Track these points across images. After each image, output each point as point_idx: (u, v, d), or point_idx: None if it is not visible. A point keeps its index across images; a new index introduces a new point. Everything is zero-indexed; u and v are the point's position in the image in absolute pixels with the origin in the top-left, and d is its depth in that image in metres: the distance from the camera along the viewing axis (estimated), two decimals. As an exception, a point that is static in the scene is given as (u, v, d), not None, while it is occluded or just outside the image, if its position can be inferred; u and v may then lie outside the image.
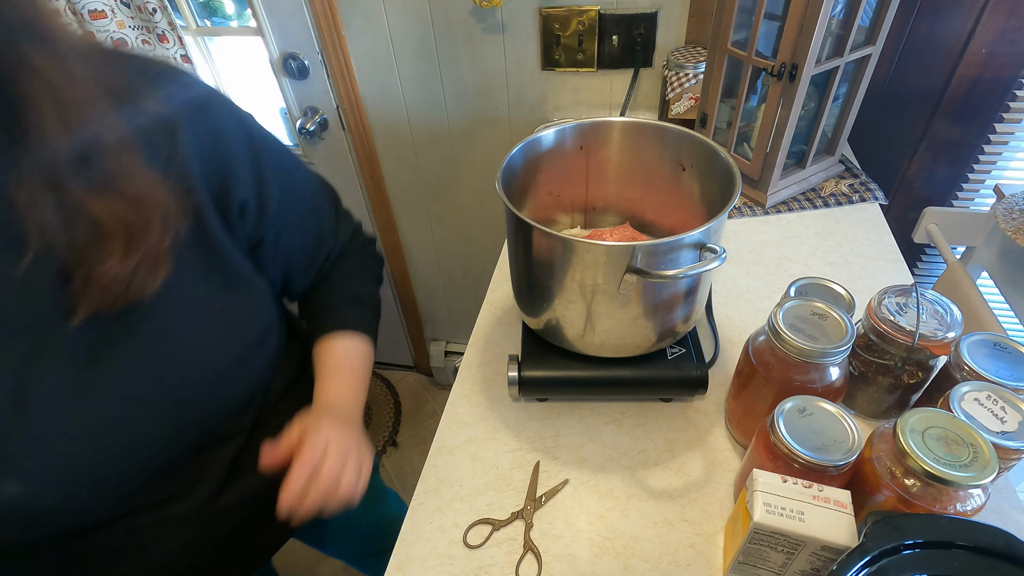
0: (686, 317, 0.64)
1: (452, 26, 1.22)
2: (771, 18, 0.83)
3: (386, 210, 1.61)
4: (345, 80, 1.34)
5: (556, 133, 0.70)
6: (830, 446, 0.48)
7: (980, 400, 0.50)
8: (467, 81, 1.30)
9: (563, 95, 1.27)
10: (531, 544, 0.58)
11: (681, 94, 1.05)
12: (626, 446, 0.66)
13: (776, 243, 0.90)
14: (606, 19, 1.14)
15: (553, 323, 0.64)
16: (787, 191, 0.97)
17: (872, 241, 0.89)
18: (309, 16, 1.25)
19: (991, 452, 0.44)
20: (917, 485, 0.45)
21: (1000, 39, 1.02)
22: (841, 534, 0.44)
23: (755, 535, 0.47)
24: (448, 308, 1.89)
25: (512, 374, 0.66)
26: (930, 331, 0.56)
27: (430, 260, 1.75)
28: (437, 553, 0.58)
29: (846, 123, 0.95)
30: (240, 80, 1.48)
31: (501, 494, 0.62)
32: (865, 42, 0.87)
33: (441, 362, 1.99)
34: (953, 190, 1.22)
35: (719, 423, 0.67)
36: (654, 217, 0.77)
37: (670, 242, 0.53)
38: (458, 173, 1.49)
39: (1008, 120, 1.09)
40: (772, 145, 0.90)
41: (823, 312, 0.55)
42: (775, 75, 0.82)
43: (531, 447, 0.66)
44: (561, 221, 0.80)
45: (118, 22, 1.24)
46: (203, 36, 1.40)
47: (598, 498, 0.61)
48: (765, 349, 0.56)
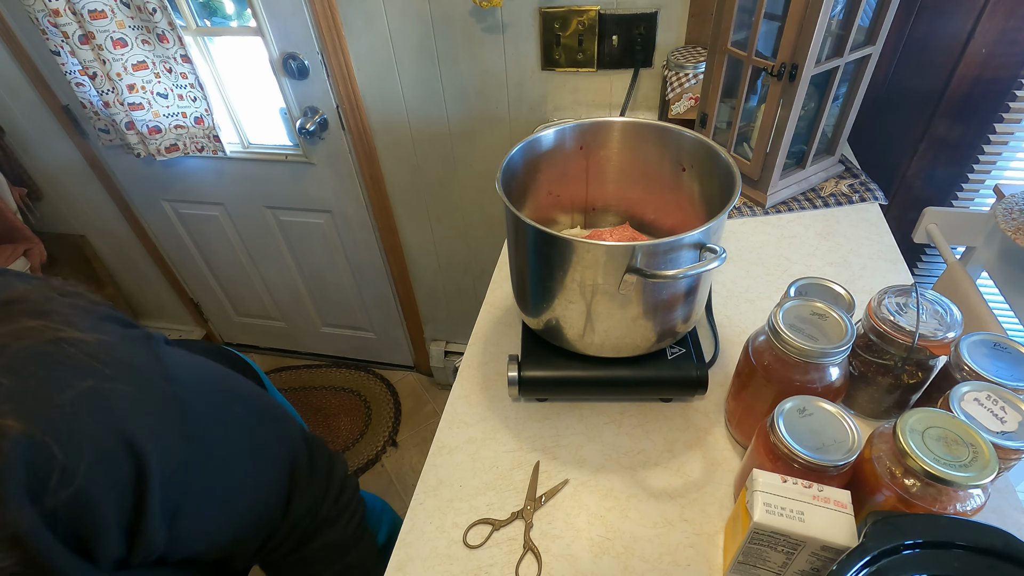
0: (686, 317, 0.64)
1: (452, 26, 1.22)
2: (771, 18, 0.83)
3: (386, 210, 1.62)
4: (345, 80, 1.34)
5: (556, 133, 0.70)
6: (830, 446, 0.48)
7: (980, 400, 0.50)
8: (467, 81, 1.30)
9: (563, 95, 1.27)
10: (531, 544, 0.58)
11: (681, 94, 1.05)
12: (626, 446, 0.66)
13: (776, 243, 0.90)
14: (606, 19, 1.14)
15: (553, 323, 0.64)
16: (787, 191, 0.97)
17: (872, 241, 0.89)
18: (309, 16, 1.25)
19: (991, 452, 0.44)
20: (917, 485, 0.45)
21: (1000, 39, 1.02)
22: (841, 534, 0.44)
23: (755, 535, 0.47)
24: (448, 308, 1.89)
25: (512, 374, 0.66)
26: (930, 331, 0.55)
27: (430, 260, 1.75)
28: (437, 553, 0.58)
29: (846, 123, 0.95)
30: (240, 80, 1.48)
31: (501, 494, 0.62)
32: (865, 42, 0.87)
33: (441, 362, 2.00)
34: (953, 190, 1.22)
35: (719, 423, 0.67)
36: (654, 217, 0.77)
37: (670, 242, 0.53)
38: (458, 173, 1.49)
39: (1008, 120, 1.09)
40: (772, 145, 0.90)
41: (823, 312, 0.55)
42: (775, 75, 0.83)
43: (531, 447, 0.66)
44: (561, 221, 0.80)
45: (118, 22, 1.25)
46: (203, 36, 1.40)
47: (598, 498, 0.61)
48: (765, 349, 0.56)
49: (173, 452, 0.42)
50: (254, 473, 0.52)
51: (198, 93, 1.37)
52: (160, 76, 1.35)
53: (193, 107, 1.40)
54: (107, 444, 0.38)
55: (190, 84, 1.36)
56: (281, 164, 1.56)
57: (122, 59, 1.28)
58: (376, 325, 2.00)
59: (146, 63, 1.32)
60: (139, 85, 1.33)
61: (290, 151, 1.54)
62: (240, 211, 1.73)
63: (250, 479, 0.51)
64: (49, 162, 1.70)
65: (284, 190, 1.63)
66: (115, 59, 1.27)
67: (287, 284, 1.94)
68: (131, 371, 0.41)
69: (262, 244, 1.82)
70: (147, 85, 1.34)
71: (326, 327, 2.08)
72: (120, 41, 1.27)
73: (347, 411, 2.03)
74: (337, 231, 1.71)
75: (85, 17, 1.21)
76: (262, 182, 1.62)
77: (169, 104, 1.39)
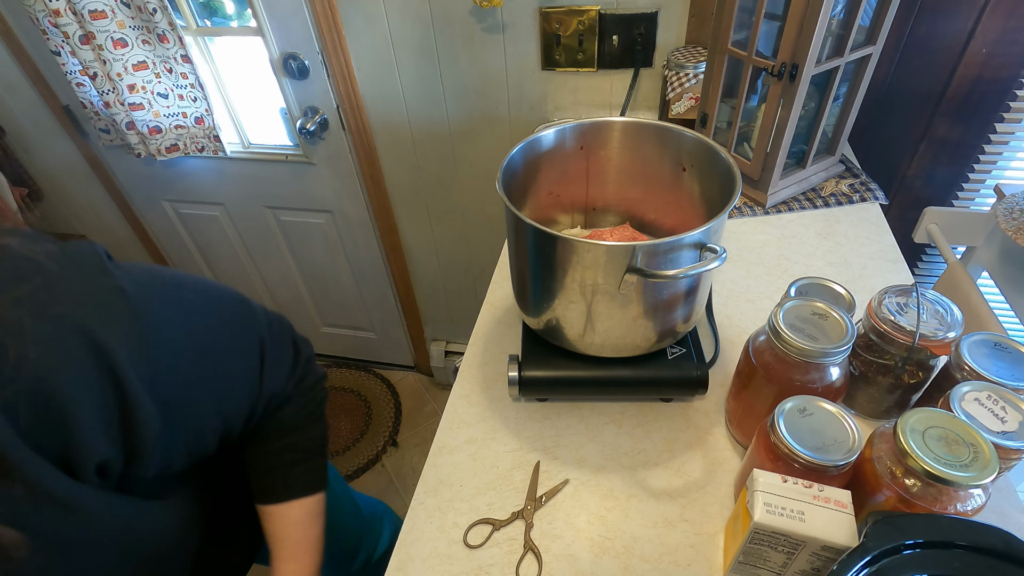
0: (686, 317, 0.64)
1: (452, 26, 1.22)
2: (771, 18, 0.83)
3: (386, 210, 1.62)
4: (345, 80, 1.34)
5: (556, 133, 0.70)
6: (830, 446, 0.48)
7: (980, 400, 0.50)
8: (467, 81, 1.30)
9: (563, 95, 1.27)
10: (531, 544, 0.58)
11: (681, 94, 1.05)
12: (626, 446, 0.66)
13: (776, 243, 0.90)
14: (606, 19, 1.14)
15: (553, 323, 0.64)
16: (787, 191, 0.97)
17: (872, 241, 0.89)
18: (309, 16, 1.25)
19: (991, 452, 0.44)
20: (917, 485, 0.45)
21: (1000, 39, 1.02)
22: (841, 534, 0.44)
23: (755, 535, 0.47)
24: (448, 308, 1.89)
25: (512, 374, 0.66)
26: (930, 331, 0.55)
27: (430, 260, 1.75)
28: (437, 553, 0.58)
29: (846, 123, 0.95)
30: (240, 80, 1.48)
31: (501, 494, 0.62)
32: (865, 42, 0.87)
33: (441, 362, 2.00)
34: (953, 190, 1.22)
35: (719, 423, 0.67)
36: (654, 217, 0.77)
37: (670, 242, 0.53)
38: (458, 173, 1.49)
39: (1008, 120, 1.09)
40: (772, 145, 0.90)
41: (823, 312, 0.55)
42: (775, 75, 0.82)
43: (531, 447, 0.66)
44: (561, 221, 0.80)
45: (118, 22, 1.25)
46: (203, 36, 1.40)
47: (598, 498, 0.61)
48: (765, 349, 0.56)
49: (129, 334, 0.42)
50: (219, 347, 0.52)
51: (198, 93, 1.37)
52: (160, 76, 1.35)
53: (193, 107, 1.40)
54: (61, 334, 0.39)
55: (190, 84, 1.36)
56: (281, 164, 1.56)
57: (122, 59, 1.28)
58: (376, 325, 2.00)
59: (146, 63, 1.32)
60: (139, 85, 1.33)
61: (290, 151, 1.54)
62: (240, 211, 1.73)
63: (218, 352, 0.52)
64: (49, 162, 1.71)
65: (284, 190, 1.63)
66: (115, 59, 1.27)
67: (287, 284, 1.94)
68: (74, 266, 0.42)
69: (262, 244, 1.82)
70: (147, 85, 1.34)
71: (326, 327, 2.08)
72: (120, 41, 1.27)
73: (347, 411, 2.03)
74: (337, 231, 1.71)
75: (85, 17, 1.21)
76: (262, 182, 1.62)
77: (169, 104, 1.39)
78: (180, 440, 0.48)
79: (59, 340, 0.39)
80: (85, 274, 0.42)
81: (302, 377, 0.62)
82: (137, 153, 1.47)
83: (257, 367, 0.56)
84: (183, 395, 0.48)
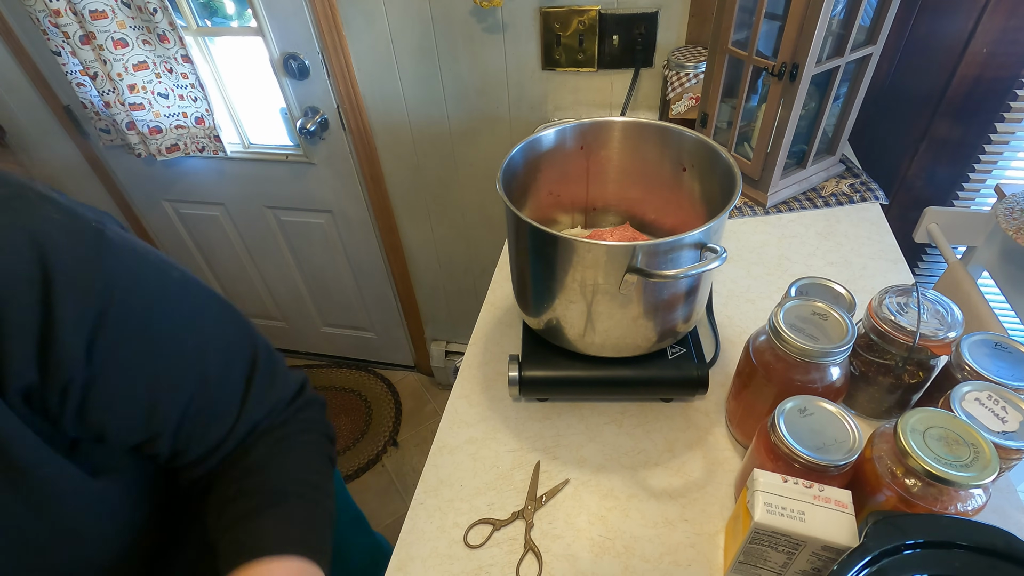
0: (687, 317, 0.64)
1: (452, 26, 1.22)
2: (771, 18, 0.83)
3: (386, 210, 1.62)
4: (345, 80, 1.34)
5: (556, 133, 0.70)
6: (831, 446, 0.48)
7: (981, 400, 0.50)
8: (467, 81, 1.30)
9: (563, 95, 1.27)
10: (531, 544, 0.58)
11: (681, 94, 1.05)
12: (626, 446, 0.66)
13: (776, 243, 0.90)
14: (606, 19, 1.14)
15: (553, 323, 0.64)
16: (788, 191, 0.97)
17: (873, 241, 0.89)
18: (309, 16, 1.25)
19: (992, 452, 0.44)
20: (918, 485, 0.45)
21: (1001, 39, 1.02)
22: (842, 534, 0.44)
23: (756, 535, 0.47)
24: (448, 308, 1.89)
25: (512, 374, 0.66)
26: (931, 331, 0.55)
27: (430, 260, 1.75)
28: (437, 553, 0.58)
29: (847, 123, 0.95)
30: (240, 80, 1.48)
31: (501, 494, 0.62)
32: (866, 42, 0.87)
33: (441, 362, 2.00)
34: (954, 190, 1.22)
35: (719, 423, 0.67)
36: (654, 217, 0.77)
37: (671, 242, 0.53)
38: (458, 173, 1.49)
39: (1009, 120, 1.09)
40: (772, 145, 0.90)
41: (824, 312, 0.55)
42: (775, 75, 0.82)
43: (531, 447, 0.66)
44: (561, 221, 0.80)
45: (119, 22, 1.25)
46: (203, 36, 1.40)
47: (598, 498, 0.61)
48: (766, 349, 0.56)
49: (85, 269, 0.39)
50: (193, 343, 0.47)
51: (199, 93, 1.37)
52: (161, 76, 1.35)
53: (194, 107, 1.40)
54: (12, 238, 0.36)
55: (191, 84, 1.36)
56: (281, 164, 1.56)
57: (123, 59, 1.28)
58: (376, 325, 2.00)
59: (147, 63, 1.32)
60: (140, 85, 1.33)
61: (291, 151, 1.54)
62: (240, 211, 1.73)
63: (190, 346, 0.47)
64: (50, 162, 1.70)
65: (284, 190, 1.63)
66: (116, 59, 1.27)
67: (287, 284, 1.94)
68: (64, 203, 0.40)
69: (262, 244, 1.82)
70: (148, 85, 1.34)
71: (327, 327, 2.08)
72: (121, 41, 1.27)
73: (348, 411, 2.03)
74: (337, 231, 1.71)
75: (86, 17, 1.21)
76: (262, 182, 1.62)
77: (170, 104, 1.39)
78: (112, 409, 0.43)
79: (11, 244, 0.36)
80: (71, 211, 0.40)
81: (288, 399, 0.55)
82: (137, 153, 1.47)
83: (244, 379, 0.50)
84: (129, 365, 0.43)
